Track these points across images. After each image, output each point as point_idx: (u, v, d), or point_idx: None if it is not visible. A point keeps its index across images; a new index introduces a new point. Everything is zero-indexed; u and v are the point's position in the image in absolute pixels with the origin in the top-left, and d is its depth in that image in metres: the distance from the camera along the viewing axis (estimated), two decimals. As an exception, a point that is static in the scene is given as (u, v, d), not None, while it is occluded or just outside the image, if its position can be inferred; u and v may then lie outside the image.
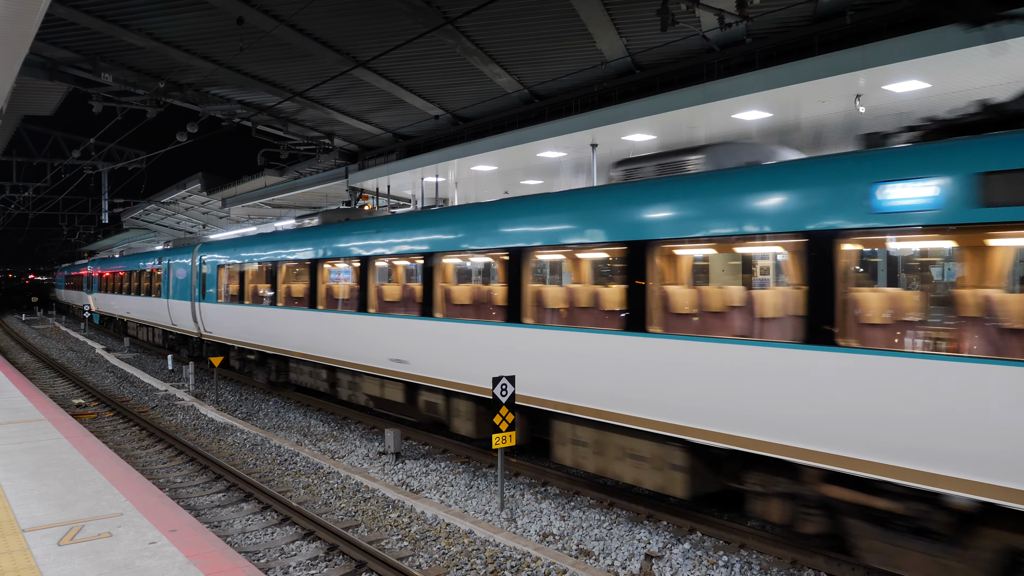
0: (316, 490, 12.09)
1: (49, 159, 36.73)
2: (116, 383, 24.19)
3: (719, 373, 8.48)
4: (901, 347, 7.72)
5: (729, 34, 15.40)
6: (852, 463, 7.32)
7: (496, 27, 17.49)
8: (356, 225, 16.16)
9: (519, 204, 11.80)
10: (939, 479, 6.70)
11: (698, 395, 8.73)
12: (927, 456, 6.76)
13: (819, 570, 8.60)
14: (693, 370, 8.77)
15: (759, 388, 8.07)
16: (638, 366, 9.44)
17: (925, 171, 6.91)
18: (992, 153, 6.53)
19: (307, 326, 17.40)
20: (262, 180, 35.13)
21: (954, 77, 13.70)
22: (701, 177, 9.20)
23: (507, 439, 10.59)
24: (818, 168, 7.89)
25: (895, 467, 7.00)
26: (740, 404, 8.27)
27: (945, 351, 7.29)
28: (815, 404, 7.56)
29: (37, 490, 9.31)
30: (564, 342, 10.54)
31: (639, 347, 9.44)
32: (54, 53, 21.36)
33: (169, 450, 15.08)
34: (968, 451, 6.50)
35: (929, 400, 6.71)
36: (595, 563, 9.05)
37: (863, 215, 7.28)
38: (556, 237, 10.79)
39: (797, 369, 7.74)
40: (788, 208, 7.93)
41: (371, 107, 24.95)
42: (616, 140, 19.46)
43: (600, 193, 10.47)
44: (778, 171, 8.37)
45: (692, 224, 8.91)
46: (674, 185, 9.42)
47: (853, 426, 7.26)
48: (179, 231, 58.16)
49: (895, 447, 6.98)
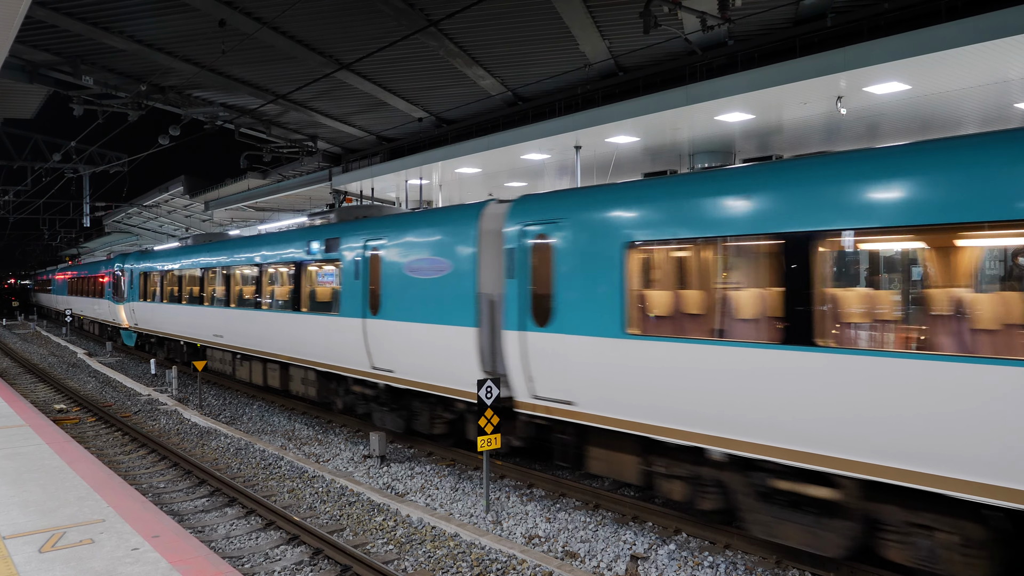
0: (301, 494, 12.03)
1: (29, 162, 36.43)
2: (98, 387, 23.99)
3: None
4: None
5: (711, 36, 15.49)
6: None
7: (479, 30, 17.49)
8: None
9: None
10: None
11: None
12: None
13: (803, 570, 8.65)
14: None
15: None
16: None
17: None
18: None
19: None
20: (245, 183, 34.97)
21: (934, 79, 13.83)
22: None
23: (492, 441, 10.58)
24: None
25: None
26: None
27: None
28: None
29: (18, 496, 9.22)
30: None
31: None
32: (34, 56, 21.17)
33: (152, 455, 14.97)
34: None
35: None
36: (581, 565, 9.06)
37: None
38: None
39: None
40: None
41: (354, 109, 24.88)
42: (600, 142, 19.51)
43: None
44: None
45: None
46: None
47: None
48: (162, 234, 57.79)
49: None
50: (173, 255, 26.02)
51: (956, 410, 6.61)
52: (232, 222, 43.74)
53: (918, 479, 6.93)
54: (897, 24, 13.58)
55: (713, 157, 20.13)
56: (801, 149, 20.21)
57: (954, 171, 6.79)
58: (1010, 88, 14.47)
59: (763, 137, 18.72)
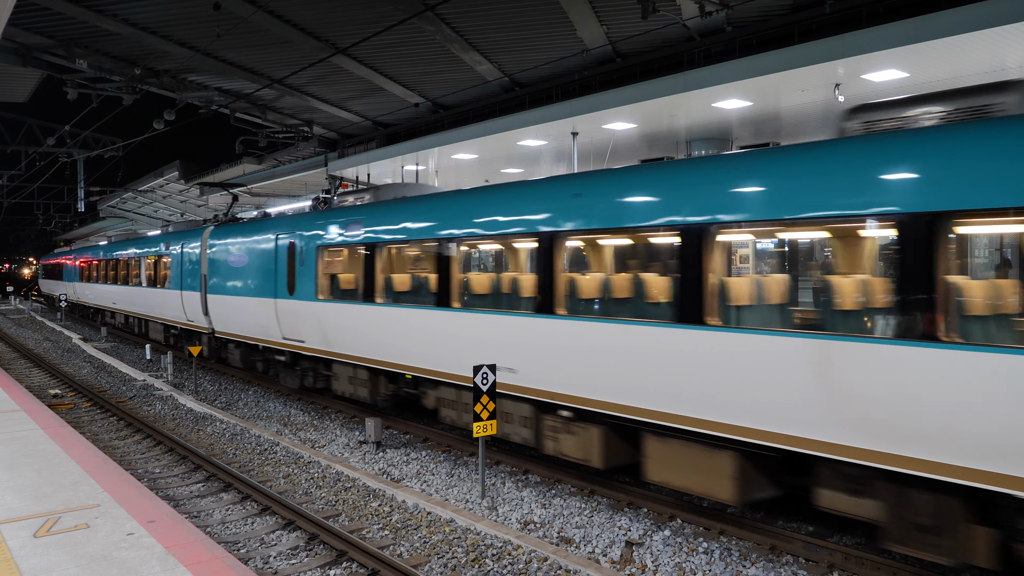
0: (296, 480, 12.05)
1: (23, 147, 36.25)
2: (93, 373, 23.96)
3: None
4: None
5: (709, 22, 15.41)
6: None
7: (476, 14, 17.40)
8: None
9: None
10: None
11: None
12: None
13: (797, 555, 8.69)
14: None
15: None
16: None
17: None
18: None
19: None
20: (240, 168, 34.85)
21: (932, 66, 13.80)
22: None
23: (488, 427, 10.59)
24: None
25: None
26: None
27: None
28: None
29: (12, 481, 9.21)
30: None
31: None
32: (27, 39, 21.02)
33: (147, 440, 14.97)
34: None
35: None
36: (576, 550, 9.09)
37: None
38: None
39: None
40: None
41: (350, 95, 24.77)
42: (597, 128, 19.46)
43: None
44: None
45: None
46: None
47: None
48: (157, 219, 57.63)
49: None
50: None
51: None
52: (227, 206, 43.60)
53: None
54: (895, 11, 13.52)
55: (710, 144, 20.10)
56: (798, 137, 20.17)
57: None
58: (1008, 76, 14.44)
59: (760, 124, 18.69)
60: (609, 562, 8.75)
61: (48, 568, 6.62)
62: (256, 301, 18.74)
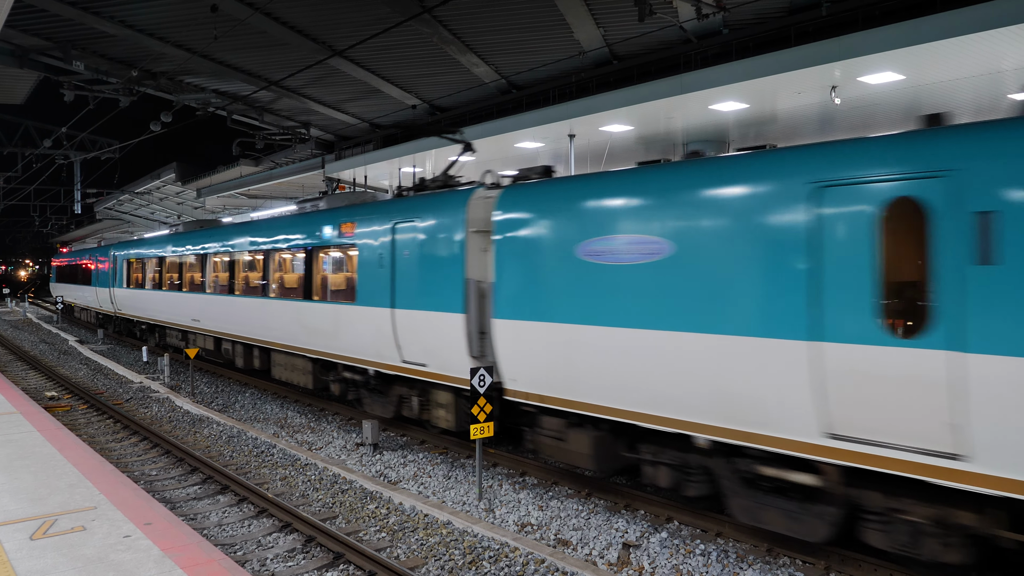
0: (293, 482, 12.04)
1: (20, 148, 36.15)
2: (90, 375, 23.93)
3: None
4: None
5: (706, 25, 15.44)
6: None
7: (473, 16, 17.40)
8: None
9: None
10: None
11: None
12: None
13: (794, 557, 8.70)
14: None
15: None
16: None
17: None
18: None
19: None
20: (237, 170, 34.82)
21: (928, 69, 13.83)
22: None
23: (485, 430, 10.59)
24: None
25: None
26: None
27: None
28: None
29: (8, 484, 9.20)
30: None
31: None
32: (24, 41, 20.97)
33: (144, 443, 14.95)
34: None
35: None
36: (573, 552, 9.10)
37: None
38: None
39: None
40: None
41: (348, 97, 24.75)
42: (594, 131, 19.47)
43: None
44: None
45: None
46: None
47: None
48: (153, 221, 57.55)
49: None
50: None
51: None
52: (224, 209, 43.58)
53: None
54: (892, 14, 13.55)
55: (707, 146, 20.11)
56: (795, 139, 20.20)
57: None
58: (1003, 79, 14.48)
59: (757, 126, 18.71)
60: (606, 564, 8.75)
61: (45, 571, 6.61)
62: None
